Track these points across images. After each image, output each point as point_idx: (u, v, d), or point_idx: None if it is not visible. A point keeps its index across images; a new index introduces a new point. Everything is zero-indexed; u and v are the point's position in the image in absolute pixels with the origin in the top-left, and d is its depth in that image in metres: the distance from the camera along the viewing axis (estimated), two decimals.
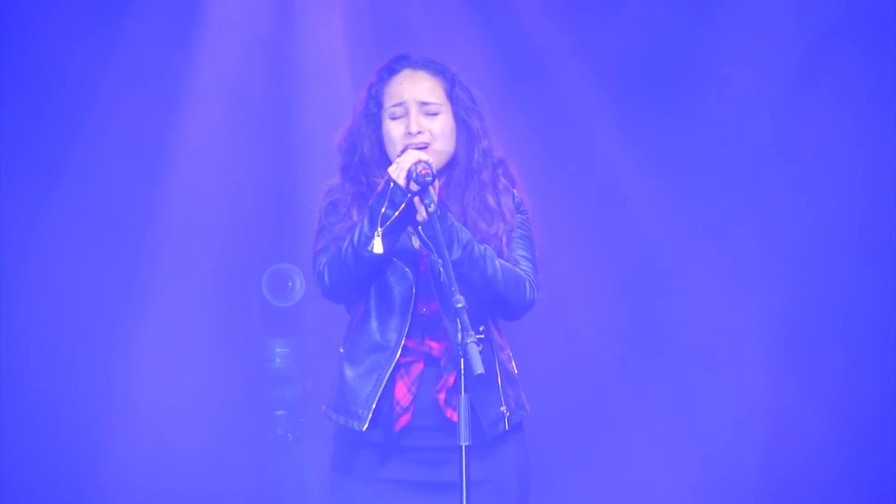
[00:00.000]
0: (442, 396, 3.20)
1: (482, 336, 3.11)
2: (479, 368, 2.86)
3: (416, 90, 3.31)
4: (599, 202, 6.25)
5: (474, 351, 2.87)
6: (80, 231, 6.19)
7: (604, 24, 6.21)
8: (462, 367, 2.90)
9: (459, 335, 2.90)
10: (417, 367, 3.22)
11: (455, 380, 3.17)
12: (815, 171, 6.01)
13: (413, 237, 3.26)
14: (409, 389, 3.21)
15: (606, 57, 6.20)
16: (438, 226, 3.08)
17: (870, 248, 5.92)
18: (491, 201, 3.33)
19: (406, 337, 3.22)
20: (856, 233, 5.94)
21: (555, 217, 6.05)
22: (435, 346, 3.24)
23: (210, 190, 6.34)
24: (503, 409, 3.26)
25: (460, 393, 2.92)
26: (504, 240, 3.32)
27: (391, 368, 3.19)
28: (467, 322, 2.90)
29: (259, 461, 6.26)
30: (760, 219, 6.10)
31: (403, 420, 3.20)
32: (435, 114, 3.30)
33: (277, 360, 6.40)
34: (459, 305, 2.91)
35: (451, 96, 3.34)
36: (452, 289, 2.96)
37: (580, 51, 6.21)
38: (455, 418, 3.15)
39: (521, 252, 3.37)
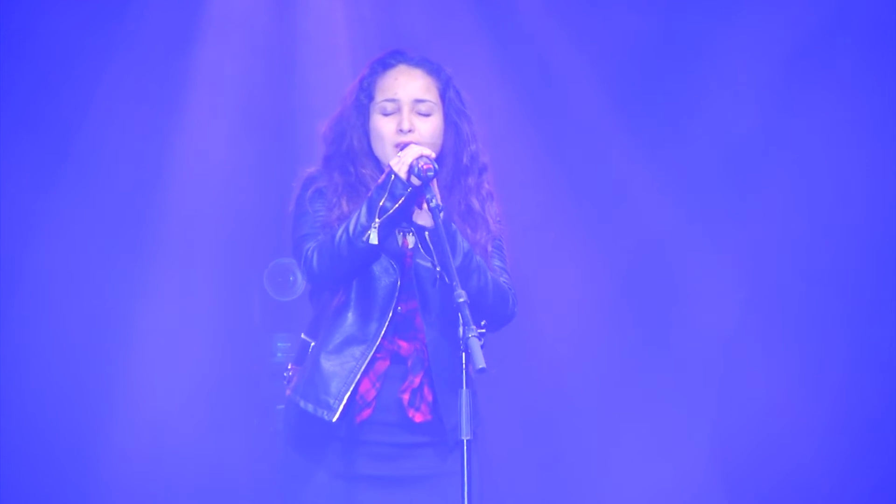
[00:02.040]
0: (406, 397, 3.21)
1: (483, 331, 3.11)
2: (481, 363, 2.86)
3: (411, 88, 3.29)
4: (598, 200, 6.26)
5: (476, 345, 2.87)
6: (81, 228, 6.20)
7: (605, 22, 6.22)
8: (464, 361, 2.91)
9: (461, 329, 2.89)
10: (383, 364, 3.21)
11: (420, 381, 3.20)
12: (814, 170, 6.02)
13: (396, 231, 3.25)
14: (373, 385, 3.20)
15: (607, 55, 6.21)
16: (441, 221, 3.09)
17: (869, 246, 5.93)
18: (476, 205, 3.33)
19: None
20: (855, 230, 5.95)
21: (554, 214, 6.06)
22: (404, 346, 3.23)
23: (211, 185, 6.35)
24: None
25: (461, 387, 2.92)
26: (489, 248, 3.33)
27: (367, 362, 3.18)
28: (469, 316, 2.90)
29: (261, 455, 6.26)
30: (759, 217, 6.11)
31: (364, 414, 3.19)
32: (427, 114, 3.28)
33: (279, 354, 6.41)
34: (461, 300, 2.91)
35: (443, 97, 3.33)
36: (454, 283, 2.97)
37: (581, 50, 6.22)
38: (417, 419, 3.21)
39: (499, 263, 3.37)
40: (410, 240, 3.26)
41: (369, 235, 3.10)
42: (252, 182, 6.38)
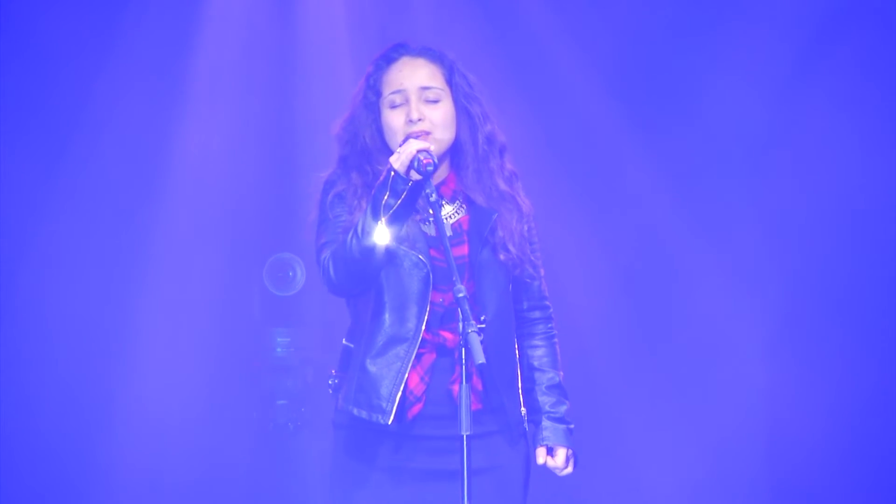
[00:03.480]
0: (456, 388, 3.15)
1: (483, 326, 3.10)
2: (480, 358, 2.85)
3: (416, 77, 3.27)
4: (600, 199, 6.25)
5: (475, 340, 2.86)
6: (82, 224, 6.20)
7: (606, 20, 6.21)
8: (464, 357, 2.90)
9: (461, 325, 2.89)
10: (430, 358, 3.19)
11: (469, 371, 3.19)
12: (815, 169, 6.01)
13: (423, 225, 3.24)
14: (421, 379, 3.18)
15: (609, 53, 6.20)
16: (440, 215, 3.08)
17: (869, 245, 5.93)
18: (504, 187, 3.31)
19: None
20: (855, 230, 5.94)
21: (556, 213, 6.06)
22: (449, 338, 3.19)
23: (211, 180, 6.36)
24: (523, 410, 3.27)
25: (461, 382, 2.92)
26: (525, 231, 3.32)
27: (411, 361, 3.16)
28: (468, 312, 2.89)
29: (260, 451, 6.27)
30: (761, 216, 6.11)
31: (416, 409, 3.17)
32: (435, 101, 3.26)
33: (279, 349, 6.41)
34: (461, 295, 2.90)
35: (450, 83, 3.29)
36: (454, 278, 2.96)
37: (582, 48, 6.21)
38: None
39: (537, 252, 3.37)
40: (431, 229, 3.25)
41: (377, 234, 3.08)
42: (251, 178, 6.38)
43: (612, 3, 6.20)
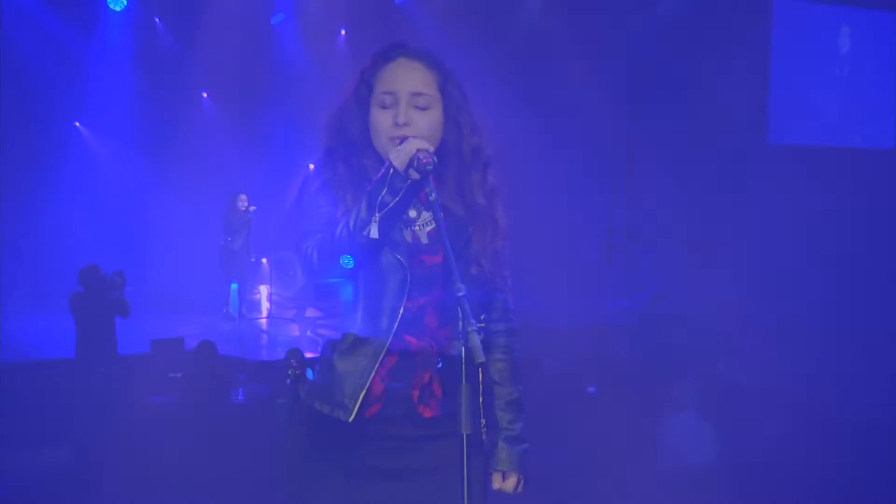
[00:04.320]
0: (416, 393, 3.19)
1: (483, 325, 3.10)
2: (480, 357, 2.85)
3: (409, 81, 3.25)
4: (598, 197, 6.28)
5: (475, 339, 2.86)
6: (80, 222, 6.22)
7: (607, 18, 6.23)
8: (463, 356, 2.90)
9: (461, 323, 2.88)
10: (392, 360, 3.19)
11: (429, 378, 3.19)
12: (814, 169, 6.04)
13: (406, 230, 3.25)
14: (381, 379, 3.18)
15: (610, 53, 6.23)
16: (441, 215, 3.08)
17: (869, 246, 5.95)
18: (482, 201, 3.30)
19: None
20: (854, 230, 5.97)
21: (555, 212, 6.08)
22: (413, 342, 3.19)
23: (212, 179, 6.37)
24: (483, 421, 3.27)
25: (461, 382, 2.91)
26: (498, 247, 3.31)
27: (379, 360, 3.17)
28: (468, 311, 2.89)
29: (260, 450, 6.28)
30: (759, 215, 6.13)
31: (374, 409, 3.18)
32: (425, 108, 3.24)
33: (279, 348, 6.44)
34: (461, 294, 2.90)
35: (443, 91, 3.27)
36: (453, 278, 2.96)
37: (584, 47, 6.24)
38: (427, 414, 3.18)
39: (507, 269, 3.37)
40: (422, 234, 3.25)
41: (370, 230, 3.08)
42: (253, 175, 6.40)
43: (613, 3, 6.22)
